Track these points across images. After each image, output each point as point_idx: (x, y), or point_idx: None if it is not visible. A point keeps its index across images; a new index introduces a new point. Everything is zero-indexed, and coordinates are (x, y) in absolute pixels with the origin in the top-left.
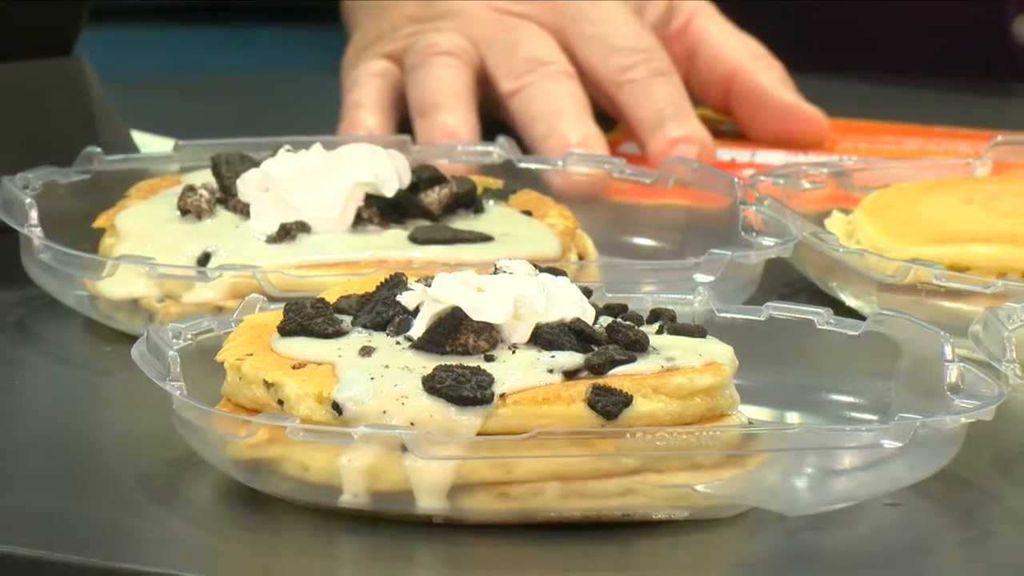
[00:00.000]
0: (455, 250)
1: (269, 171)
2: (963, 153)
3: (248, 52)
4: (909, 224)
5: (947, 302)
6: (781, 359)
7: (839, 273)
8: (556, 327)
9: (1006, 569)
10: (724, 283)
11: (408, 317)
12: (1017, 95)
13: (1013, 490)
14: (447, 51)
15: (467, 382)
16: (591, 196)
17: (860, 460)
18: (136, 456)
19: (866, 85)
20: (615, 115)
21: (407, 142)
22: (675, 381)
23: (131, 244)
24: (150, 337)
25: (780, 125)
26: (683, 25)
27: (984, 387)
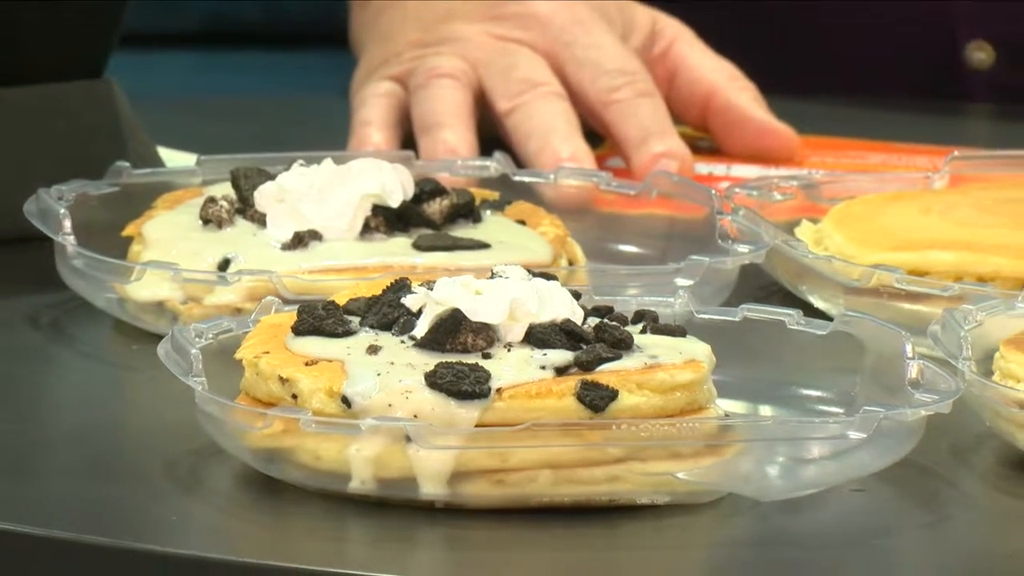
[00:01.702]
0: (455, 256)
1: (284, 184)
2: (922, 167)
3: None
4: (873, 232)
5: (908, 304)
6: (755, 357)
7: (808, 277)
8: (548, 327)
9: (962, 550)
10: (702, 287)
11: (412, 318)
12: (970, 114)
13: (969, 477)
14: (448, 73)
15: (466, 378)
16: (580, 207)
17: (828, 450)
18: (161, 446)
19: (833, 105)
20: (603, 132)
21: (411, 157)
22: (657, 377)
23: (157, 251)
24: (174, 336)
25: (754, 141)
26: (665, 50)
27: (942, 382)
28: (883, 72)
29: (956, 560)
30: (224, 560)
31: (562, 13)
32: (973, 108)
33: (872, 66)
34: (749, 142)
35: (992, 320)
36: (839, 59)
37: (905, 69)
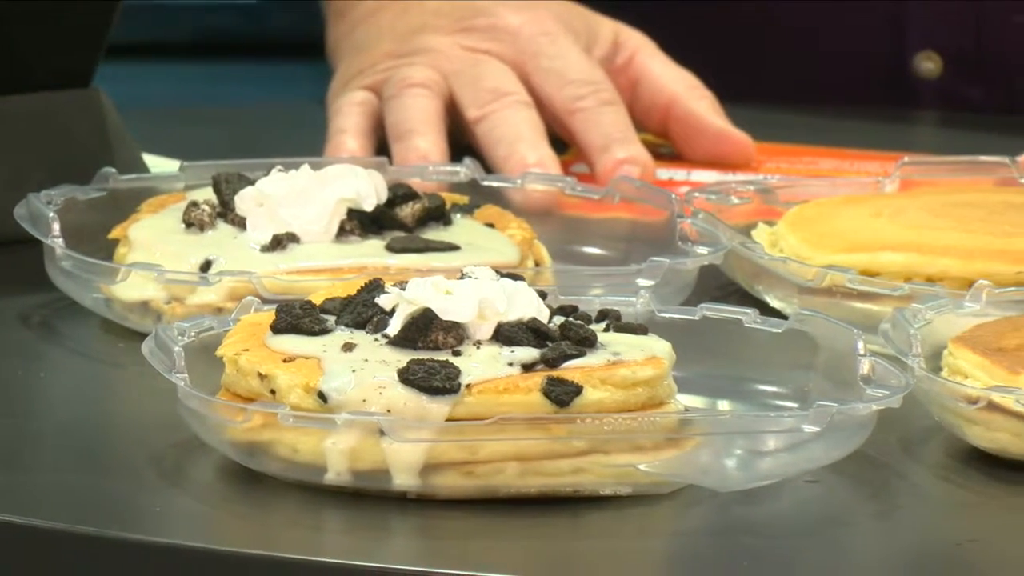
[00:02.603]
0: (426, 258)
1: (263, 188)
2: (873, 172)
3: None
4: (826, 235)
5: (859, 303)
6: (713, 354)
7: (764, 278)
8: (515, 325)
9: (911, 538)
10: (663, 287)
11: (385, 317)
12: (919, 122)
13: (917, 469)
14: (420, 83)
15: (437, 374)
16: (546, 210)
17: (783, 443)
18: (146, 439)
19: (787, 113)
20: (568, 139)
21: (385, 163)
22: (620, 373)
23: (142, 253)
24: (158, 335)
25: (712, 148)
26: (627, 60)
27: (893, 378)
28: (836, 81)
29: (906, 547)
30: (206, 549)
31: (529, 26)
32: (922, 116)
33: (825, 76)
34: (708, 149)
35: (940, 319)
36: (793, 69)
37: (857, 79)
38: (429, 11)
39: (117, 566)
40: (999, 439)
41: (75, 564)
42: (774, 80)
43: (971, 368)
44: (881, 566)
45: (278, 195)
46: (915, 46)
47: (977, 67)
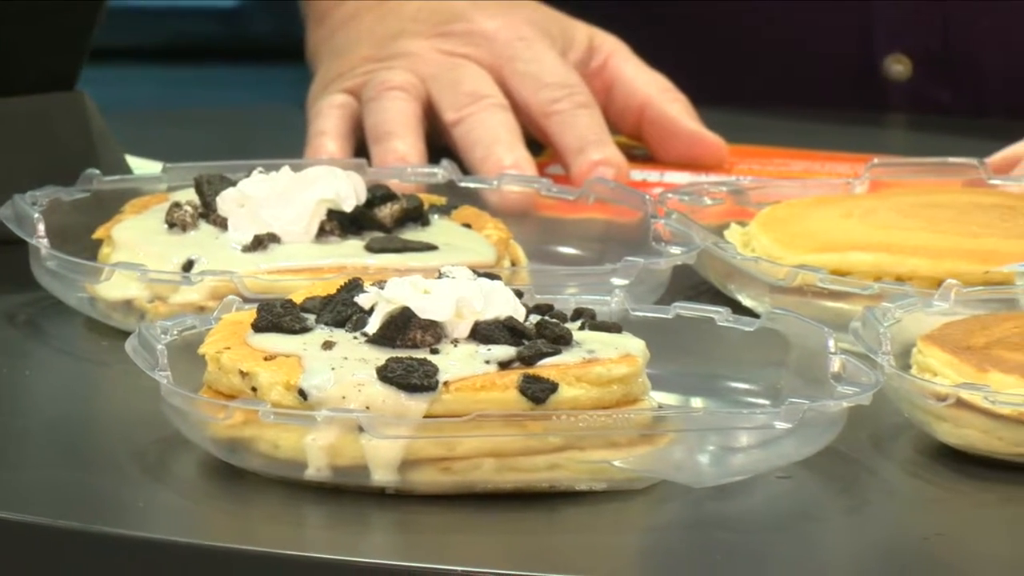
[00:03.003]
0: (405, 258)
1: (244, 190)
2: (844, 174)
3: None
4: (797, 235)
5: (830, 302)
6: (687, 352)
7: (737, 277)
8: (492, 324)
9: (881, 532)
10: (637, 286)
11: (364, 316)
12: (889, 124)
13: (887, 465)
14: (398, 86)
15: (415, 372)
16: (522, 211)
17: (755, 439)
18: (130, 436)
19: (759, 116)
20: (544, 141)
21: (364, 165)
22: (595, 371)
23: (125, 253)
24: (141, 333)
25: (685, 150)
26: (602, 64)
27: (863, 376)
28: (807, 84)
29: (875, 542)
30: (189, 543)
31: (505, 30)
32: (892, 118)
33: (796, 79)
34: (681, 150)
35: (910, 317)
36: (765, 72)
37: (827, 81)
38: (407, 16)
39: (101, 560)
40: (967, 435)
41: (60, 558)
42: (746, 83)
43: (940, 366)
44: (851, 560)
45: (259, 196)
46: (884, 49)
47: (946, 69)
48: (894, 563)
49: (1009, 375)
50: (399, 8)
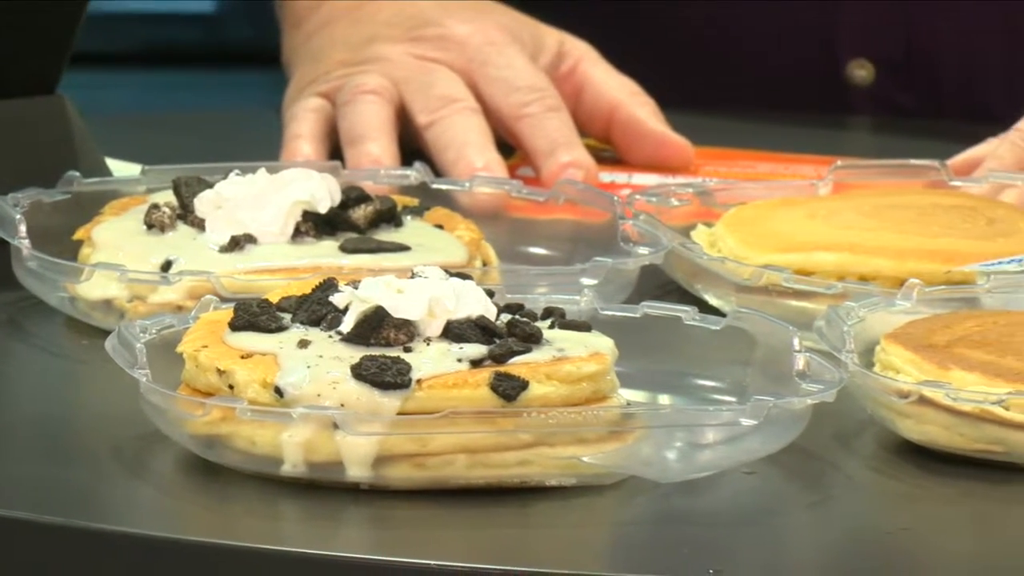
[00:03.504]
0: (378, 258)
1: (222, 191)
2: (808, 176)
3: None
4: (762, 235)
5: (795, 301)
6: (654, 350)
7: (703, 277)
8: (464, 323)
9: (845, 527)
10: (606, 285)
11: (339, 315)
12: (852, 127)
13: (851, 460)
14: (372, 90)
15: (389, 370)
16: (493, 212)
17: (722, 435)
18: (109, 432)
19: (725, 119)
20: (514, 144)
21: (338, 167)
22: (565, 368)
23: (105, 253)
24: (121, 332)
25: (653, 152)
26: (571, 68)
27: (827, 373)
28: (772, 88)
29: (840, 536)
30: (167, 538)
31: (477, 35)
32: (855, 121)
33: (762, 83)
34: (649, 153)
35: (873, 316)
36: (731, 76)
37: (792, 85)
38: (381, 22)
39: (81, 554)
40: (929, 432)
41: (40, 552)
42: (713, 87)
43: (903, 364)
44: (816, 554)
45: (236, 198)
46: (848, 55)
47: (908, 74)
48: (858, 557)
49: (970, 373)
50: (373, 14)
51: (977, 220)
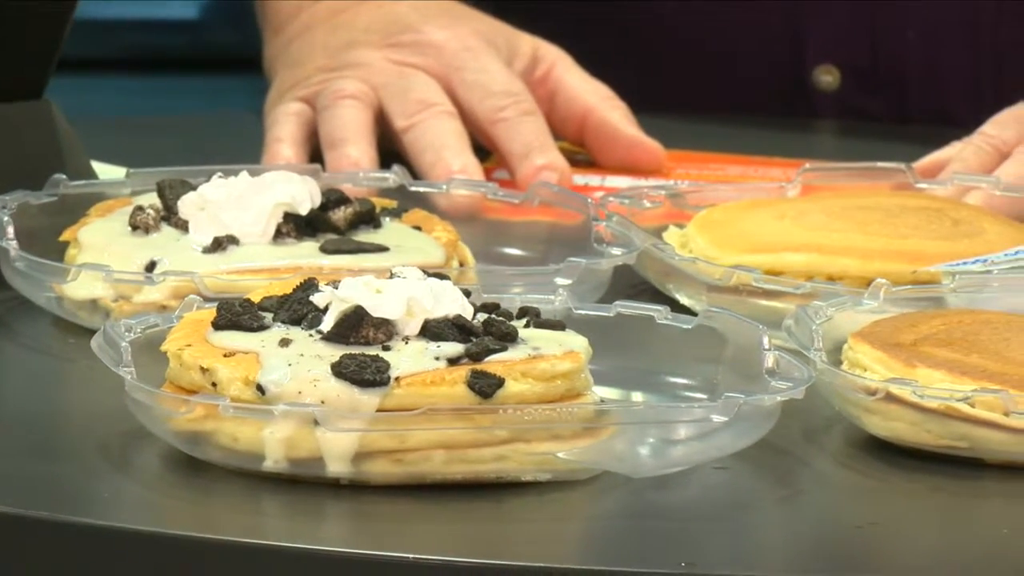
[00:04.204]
0: (358, 259)
1: (205, 194)
2: (777, 178)
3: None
4: (733, 236)
5: (764, 301)
6: (627, 348)
7: (675, 277)
8: (441, 322)
9: (814, 521)
10: (580, 285)
11: (319, 314)
12: (820, 131)
13: (820, 456)
14: (351, 95)
15: (368, 368)
16: (470, 214)
17: (693, 432)
18: (95, 429)
19: (696, 123)
20: (490, 147)
21: (318, 170)
22: (540, 366)
23: (91, 254)
24: (106, 331)
25: (625, 155)
26: (545, 73)
27: (796, 371)
28: (741, 93)
29: (808, 530)
30: (152, 532)
31: (453, 41)
32: (822, 125)
33: (731, 88)
34: (621, 156)
35: (841, 315)
36: (702, 81)
37: (761, 90)
38: (359, 28)
39: (67, 548)
40: (896, 428)
41: (27, 546)
42: (684, 92)
43: (870, 361)
44: (785, 547)
45: (219, 200)
46: (814, 60)
47: (873, 80)
48: (827, 551)
49: (936, 370)
50: (351, 20)
51: (942, 221)
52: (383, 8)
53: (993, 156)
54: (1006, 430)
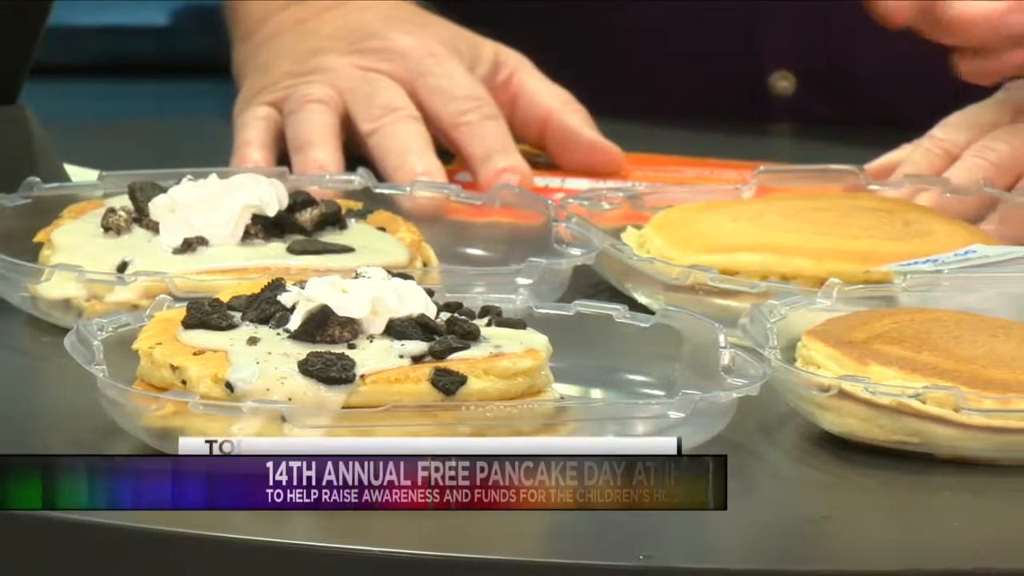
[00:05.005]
0: (324, 259)
1: (175, 196)
2: (732, 180)
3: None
4: (689, 237)
5: (720, 300)
6: (587, 346)
7: (633, 277)
8: (405, 321)
9: (769, 515)
10: (540, 285)
11: (287, 313)
12: (775, 134)
13: (773, 451)
14: (318, 99)
15: (334, 365)
16: (433, 215)
17: (651, 427)
18: (68, 425)
19: (654, 126)
20: (453, 150)
21: (285, 172)
22: (501, 364)
23: (64, 255)
24: (79, 330)
25: (585, 158)
26: (507, 78)
27: (751, 368)
28: (699, 98)
29: (764, 523)
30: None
31: (417, 47)
32: (777, 129)
33: (689, 93)
34: (580, 158)
35: (795, 313)
36: (660, 86)
37: (718, 95)
38: (325, 35)
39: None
40: (849, 424)
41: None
42: (642, 96)
43: (823, 359)
44: (740, 540)
45: (188, 202)
46: (770, 67)
47: (827, 85)
48: (781, 544)
49: (888, 367)
50: (318, 27)
51: (894, 222)
52: (349, 15)
53: (943, 158)
54: (956, 426)
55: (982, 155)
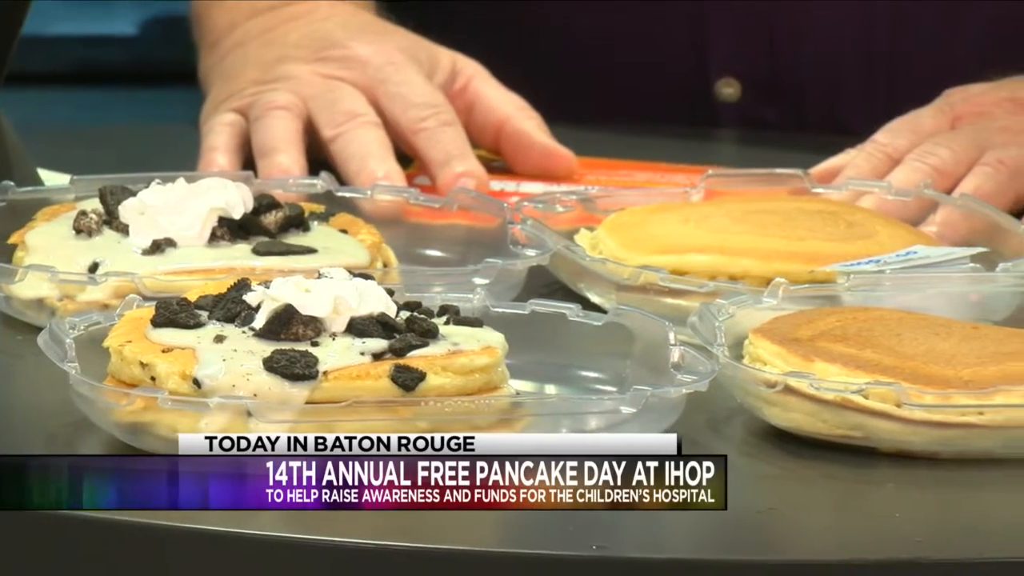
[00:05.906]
0: (288, 260)
1: (144, 199)
2: (682, 184)
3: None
4: (640, 239)
5: (670, 299)
6: (541, 344)
7: (586, 277)
8: (366, 319)
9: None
10: (496, 285)
11: (252, 312)
12: (722, 139)
13: (721, 444)
14: (282, 106)
15: (298, 362)
16: (393, 218)
17: (603, 422)
18: (42, 421)
19: (606, 132)
20: (412, 155)
21: (251, 177)
22: (459, 361)
23: (38, 256)
24: (52, 328)
25: (539, 162)
26: (464, 85)
27: (700, 365)
28: (648, 104)
29: (712, 515)
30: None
31: (378, 56)
32: (724, 134)
33: (639, 100)
34: (535, 163)
35: (742, 312)
36: (611, 93)
37: (667, 101)
38: (290, 44)
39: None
40: (794, 419)
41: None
42: (594, 103)
43: (769, 356)
44: (690, 530)
45: (157, 205)
46: (717, 74)
47: (772, 91)
48: (729, 535)
49: (832, 364)
50: (282, 36)
51: (837, 224)
52: (312, 25)
53: (885, 162)
54: (898, 420)
55: (923, 159)
